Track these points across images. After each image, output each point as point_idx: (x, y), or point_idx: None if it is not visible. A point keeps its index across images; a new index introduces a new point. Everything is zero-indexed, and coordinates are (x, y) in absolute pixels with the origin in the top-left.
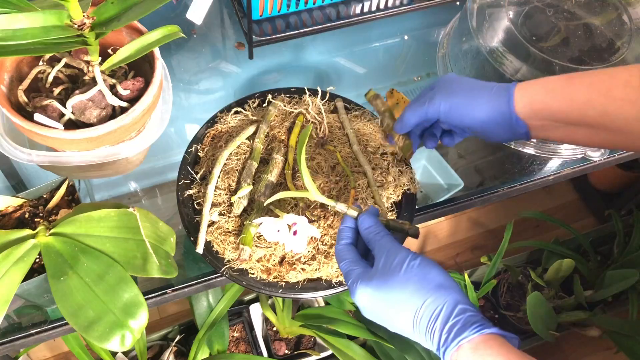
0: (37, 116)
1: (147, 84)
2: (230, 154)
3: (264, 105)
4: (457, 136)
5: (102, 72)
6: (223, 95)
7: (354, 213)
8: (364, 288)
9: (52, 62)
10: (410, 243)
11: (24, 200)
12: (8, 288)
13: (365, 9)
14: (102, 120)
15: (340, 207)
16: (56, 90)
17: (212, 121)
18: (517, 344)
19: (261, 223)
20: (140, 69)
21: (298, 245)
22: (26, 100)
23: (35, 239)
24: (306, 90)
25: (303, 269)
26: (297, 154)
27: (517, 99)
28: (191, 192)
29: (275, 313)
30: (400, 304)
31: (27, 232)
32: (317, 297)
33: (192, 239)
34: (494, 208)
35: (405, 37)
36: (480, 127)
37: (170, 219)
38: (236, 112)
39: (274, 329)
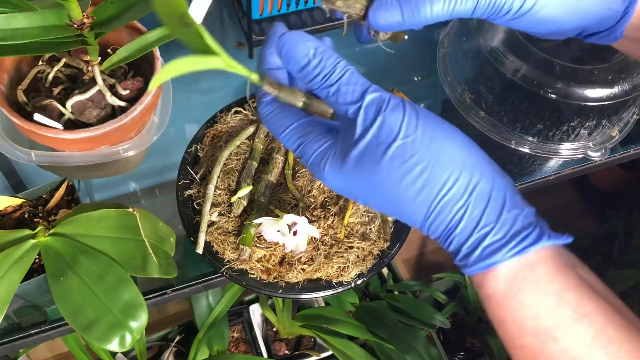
0: (37, 116)
1: (146, 83)
2: (230, 154)
3: None
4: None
5: (102, 71)
6: (223, 95)
7: (255, 76)
8: (336, 173)
9: (52, 61)
10: (409, 244)
11: (24, 200)
12: (8, 288)
13: None
14: (101, 120)
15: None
16: (56, 90)
17: (212, 121)
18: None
19: (261, 223)
20: (140, 68)
21: (298, 246)
22: (25, 100)
23: (35, 239)
24: None
25: (303, 270)
26: None
27: None
28: (191, 192)
29: (275, 313)
30: (398, 201)
31: (27, 232)
32: (317, 297)
33: (191, 239)
34: None
35: (405, 37)
36: (565, 22)
37: (169, 219)
38: (236, 112)
39: (274, 329)
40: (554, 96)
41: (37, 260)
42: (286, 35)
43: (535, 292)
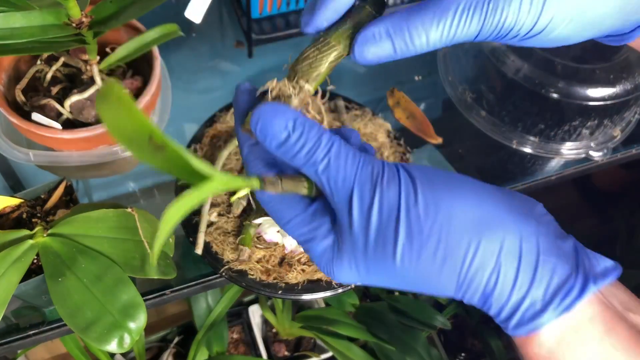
0: (35, 115)
1: (145, 83)
2: (230, 153)
3: None
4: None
5: (101, 71)
6: (222, 95)
7: (255, 183)
8: (346, 270)
9: (50, 61)
10: None
11: (22, 200)
12: (6, 289)
13: None
14: (100, 120)
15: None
16: (54, 90)
17: (211, 120)
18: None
19: (261, 223)
20: (139, 68)
21: (298, 246)
22: (24, 99)
23: (33, 240)
24: None
25: (303, 270)
26: None
27: None
28: None
29: (275, 314)
30: (421, 281)
31: (25, 232)
32: (317, 298)
33: (190, 239)
34: None
35: None
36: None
37: None
38: None
39: (274, 330)
40: (555, 95)
41: (35, 261)
42: (259, 109)
43: (581, 358)
